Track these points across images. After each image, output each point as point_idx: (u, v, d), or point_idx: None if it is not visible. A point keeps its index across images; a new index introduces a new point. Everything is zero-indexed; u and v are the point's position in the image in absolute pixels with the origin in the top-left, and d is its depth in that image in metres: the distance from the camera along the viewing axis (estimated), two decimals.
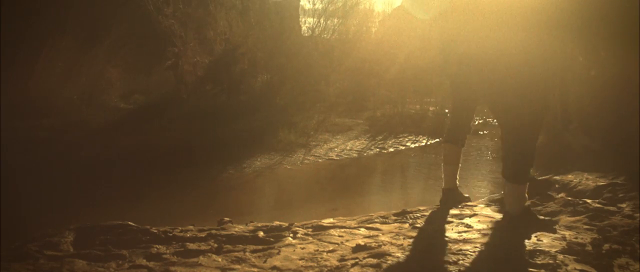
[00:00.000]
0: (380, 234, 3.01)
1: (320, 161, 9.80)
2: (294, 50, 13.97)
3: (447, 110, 14.21)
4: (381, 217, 3.60)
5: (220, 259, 2.41)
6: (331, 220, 3.48)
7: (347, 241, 2.83)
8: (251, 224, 3.22)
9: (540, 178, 4.64)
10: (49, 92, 9.67)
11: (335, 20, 15.46)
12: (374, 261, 2.42)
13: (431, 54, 14.72)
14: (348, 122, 13.18)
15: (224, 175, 8.63)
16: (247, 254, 2.51)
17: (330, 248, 2.67)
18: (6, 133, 7.57)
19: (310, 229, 3.10)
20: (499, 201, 3.88)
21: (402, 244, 2.74)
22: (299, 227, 3.14)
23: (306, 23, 16.25)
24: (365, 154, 10.50)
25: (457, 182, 3.59)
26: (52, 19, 9.77)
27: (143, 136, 9.30)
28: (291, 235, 2.92)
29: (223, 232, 2.93)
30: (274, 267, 2.34)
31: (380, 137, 11.93)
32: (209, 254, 2.48)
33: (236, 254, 2.51)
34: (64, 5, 9.92)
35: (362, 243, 2.72)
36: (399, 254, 2.53)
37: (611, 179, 4.77)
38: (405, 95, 14.63)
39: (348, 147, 10.87)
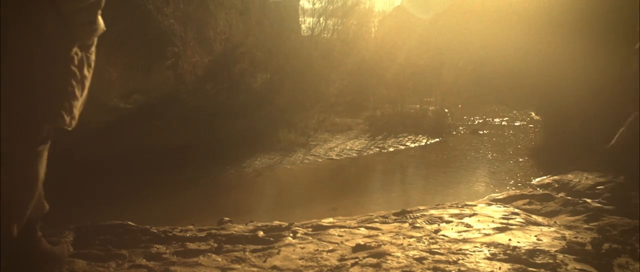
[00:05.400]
0: (380, 234, 3.01)
1: (320, 160, 9.80)
2: (294, 50, 13.96)
3: (446, 110, 14.22)
4: (381, 216, 3.60)
5: (220, 259, 2.41)
6: (331, 220, 3.48)
7: (347, 240, 2.82)
8: (251, 223, 3.22)
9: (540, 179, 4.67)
10: None
11: (335, 20, 15.45)
12: (373, 260, 2.42)
13: (430, 54, 14.74)
14: (348, 122, 13.18)
15: (224, 175, 8.62)
16: (247, 253, 2.51)
17: (330, 248, 2.67)
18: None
19: (310, 229, 3.10)
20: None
21: (402, 244, 2.75)
22: (298, 226, 3.14)
23: (306, 23, 16.25)
24: (365, 154, 10.50)
25: None
26: None
27: (143, 136, 9.29)
28: (291, 235, 2.92)
29: (223, 232, 2.93)
30: (274, 267, 2.33)
31: (380, 137, 11.93)
32: (209, 254, 2.48)
33: (236, 253, 2.51)
34: None
35: (362, 243, 2.72)
36: (398, 254, 2.53)
37: (611, 179, 4.78)
38: (405, 94, 14.63)
39: (348, 147, 10.87)
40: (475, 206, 4.04)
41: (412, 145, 11.37)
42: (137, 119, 10.47)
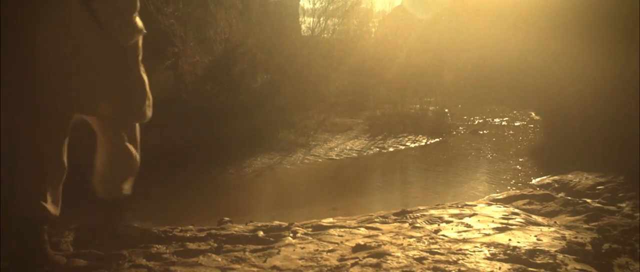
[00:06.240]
0: (380, 234, 3.02)
1: (320, 160, 9.80)
2: (294, 50, 13.94)
3: (446, 110, 14.22)
4: (381, 217, 3.61)
5: (220, 259, 2.41)
6: (331, 220, 3.48)
7: (347, 240, 2.83)
8: (251, 223, 3.23)
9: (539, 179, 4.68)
10: None
11: (335, 20, 15.43)
12: (373, 260, 2.42)
13: (430, 54, 14.74)
14: (348, 122, 13.17)
15: (223, 175, 8.62)
16: (247, 253, 2.51)
17: (330, 248, 2.67)
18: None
19: (310, 229, 3.11)
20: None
21: (402, 244, 2.75)
22: (298, 226, 3.14)
23: (306, 23, 16.22)
24: (365, 154, 10.50)
25: None
26: None
27: (143, 136, 9.27)
28: (291, 235, 2.92)
29: (223, 232, 2.93)
30: (274, 267, 2.34)
31: (380, 137, 11.93)
32: (209, 254, 2.48)
33: (236, 253, 2.51)
34: None
35: (362, 243, 2.72)
36: (399, 254, 2.53)
37: (611, 179, 4.79)
38: (405, 94, 14.61)
39: (348, 147, 10.87)
40: (475, 206, 4.04)
41: (412, 145, 11.37)
42: None
